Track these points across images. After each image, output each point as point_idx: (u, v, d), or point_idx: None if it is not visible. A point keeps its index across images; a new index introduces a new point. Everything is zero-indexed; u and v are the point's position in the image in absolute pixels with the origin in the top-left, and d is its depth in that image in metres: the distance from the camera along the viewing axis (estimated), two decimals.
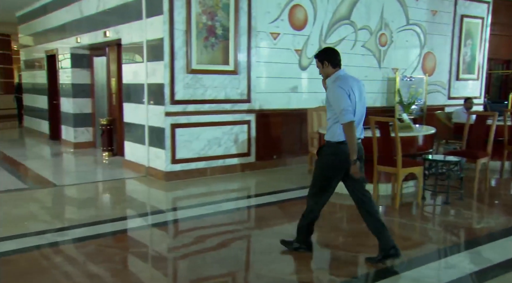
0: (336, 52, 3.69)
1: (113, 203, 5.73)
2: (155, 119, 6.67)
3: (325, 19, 8.02)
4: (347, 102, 3.40)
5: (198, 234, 4.42)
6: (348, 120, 3.36)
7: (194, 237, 4.34)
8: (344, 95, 3.41)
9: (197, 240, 4.23)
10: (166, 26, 6.30)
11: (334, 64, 3.63)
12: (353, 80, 3.61)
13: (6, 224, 4.63)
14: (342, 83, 3.49)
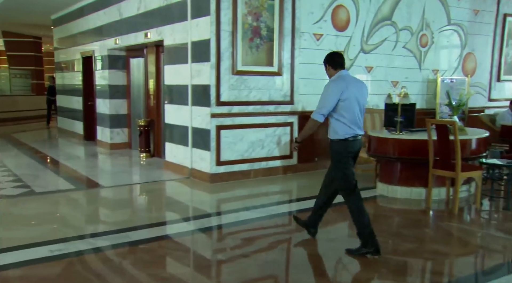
0: (336, 55, 4.01)
1: (162, 206, 5.69)
2: (199, 121, 6.64)
3: (367, 19, 7.90)
4: (330, 101, 3.72)
5: (249, 239, 4.33)
6: (317, 119, 3.79)
7: (246, 241, 4.26)
8: (333, 95, 3.72)
9: (250, 244, 4.16)
10: (213, 27, 6.26)
11: (334, 66, 3.94)
12: (353, 81, 3.90)
13: (70, 225, 4.64)
14: (337, 82, 3.80)
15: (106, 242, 4.03)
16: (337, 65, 3.93)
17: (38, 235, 4.23)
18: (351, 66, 7.84)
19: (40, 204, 5.41)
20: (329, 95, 3.74)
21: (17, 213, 5.04)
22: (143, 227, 4.52)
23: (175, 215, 5.19)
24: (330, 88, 3.78)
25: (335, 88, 3.74)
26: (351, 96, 3.74)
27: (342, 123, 3.75)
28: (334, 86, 3.77)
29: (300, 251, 4.08)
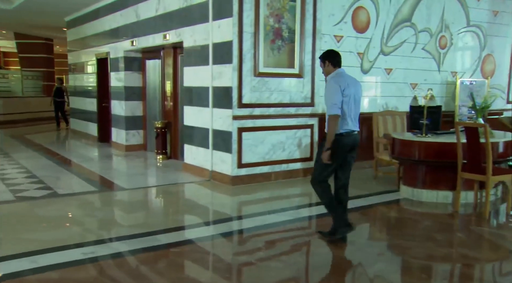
0: (336, 54, 4.17)
1: (186, 208, 5.64)
2: (220, 123, 6.60)
3: (387, 21, 7.85)
4: (338, 97, 3.87)
5: (274, 242, 4.30)
6: (334, 113, 3.87)
7: (272, 244, 4.23)
8: (337, 91, 3.89)
9: (276, 248, 4.12)
10: (235, 29, 6.23)
11: (334, 64, 4.11)
12: (351, 79, 4.08)
13: (98, 227, 4.62)
14: (338, 79, 3.96)
15: (137, 245, 3.99)
16: (337, 63, 4.12)
17: (68, 237, 4.21)
18: (370, 68, 7.79)
19: (65, 206, 5.40)
20: (335, 92, 3.91)
21: (43, 215, 5.02)
22: (171, 230, 4.49)
23: (201, 218, 5.14)
24: (334, 85, 3.94)
25: (339, 85, 3.92)
26: (350, 93, 3.95)
27: (341, 119, 3.93)
28: (337, 83, 3.93)
29: (326, 255, 4.02)
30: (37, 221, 4.76)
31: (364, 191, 6.24)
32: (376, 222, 5.22)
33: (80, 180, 6.86)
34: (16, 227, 4.52)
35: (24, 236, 4.21)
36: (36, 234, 4.31)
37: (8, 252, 3.75)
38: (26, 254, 3.69)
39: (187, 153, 7.48)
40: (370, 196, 6.00)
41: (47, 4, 11.19)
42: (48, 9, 11.80)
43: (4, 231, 4.39)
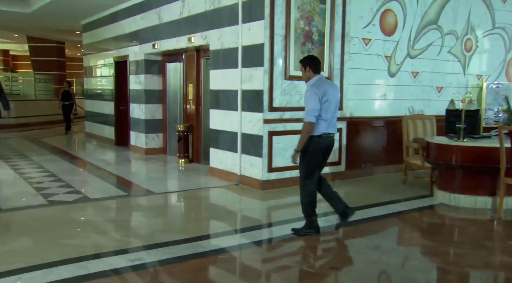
0: (318, 60, 4.41)
1: (223, 213, 5.52)
2: (250, 126, 6.53)
3: (414, 23, 7.78)
4: (316, 105, 4.11)
5: (316, 249, 4.23)
6: (309, 121, 4.15)
7: (313, 252, 4.15)
8: (315, 99, 4.12)
9: (321, 257, 4.04)
10: (267, 31, 6.17)
11: (315, 70, 4.32)
12: (329, 85, 4.34)
13: (137, 233, 4.55)
14: (316, 88, 4.19)
15: (183, 251, 3.92)
16: (317, 70, 4.34)
17: (111, 243, 4.15)
18: (397, 72, 7.72)
19: (100, 210, 5.34)
20: (314, 100, 4.13)
21: (80, 219, 4.96)
22: (212, 236, 4.42)
23: (239, 223, 5.08)
24: (313, 92, 4.16)
25: (317, 92, 4.15)
26: (329, 98, 4.18)
27: (321, 122, 4.19)
28: (317, 91, 4.15)
29: (377, 263, 3.94)
30: (76, 226, 4.71)
31: (396, 196, 6.16)
32: (419, 228, 5.12)
33: (108, 184, 6.81)
34: (57, 232, 4.46)
35: (66, 242, 4.15)
36: (79, 239, 4.25)
37: (55, 257, 3.68)
38: (73, 260, 3.63)
39: (213, 157, 7.41)
40: (403, 201, 5.92)
41: (65, 8, 11.16)
42: (66, 12, 11.77)
43: (46, 236, 4.32)
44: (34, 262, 3.58)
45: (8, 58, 32.07)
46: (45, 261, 3.61)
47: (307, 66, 4.34)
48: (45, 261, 3.61)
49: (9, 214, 5.02)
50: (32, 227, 4.61)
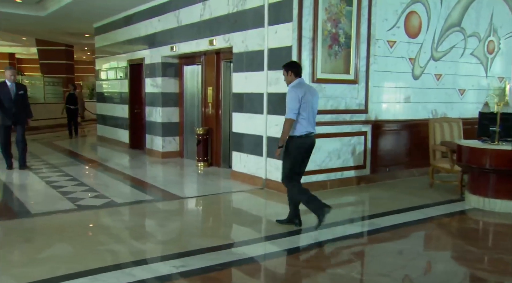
0: (299, 65, 4.82)
1: (252, 219, 5.43)
2: (276, 130, 6.45)
3: (437, 26, 7.71)
4: (296, 105, 4.47)
5: (362, 256, 4.14)
6: (290, 117, 4.50)
7: (359, 257, 4.06)
8: (296, 99, 4.49)
9: (367, 264, 3.95)
10: (295, 34, 6.11)
11: (296, 74, 4.68)
12: (309, 87, 4.72)
13: (174, 238, 4.47)
14: (297, 89, 4.55)
15: (226, 257, 3.84)
16: (298, 74, 4.69)
17: (150, 248, 4.07)
18: (421, 74, 7.65)
19: (131, 215, 5.28)
20: (294, 99, 4.50)
21: (113, 225, 4.88)
22: (250, 242, 4.33)
23: (272, 228, 4.99)
24: (293, 92, 4.54)
25: (298, 93, 4.51)
26: (308, 100, 4.54)
27: (302, 121, 4.52)
28: (297, 92, 4.53)
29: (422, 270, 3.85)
30: (111, 232, 4.63)
31: (426, 200, 6.08)
32: (456, 233, 5.03)
33: (131, 188, 6.75)
34: (93, 237, 4.40)
35: (105, 247, 4.08)
36: (117, 245, 4.17)
37: (98, 264, 3.61)
38: (117, 267, 3.56)
39: (236, 160, 7.33)
40: (434, 205, 5.83)
41: (80, 11, 11.11)
42: (80, 15, 11.73)
43: (83, 242, 4.25)
44: (78, 268, 3.51)
45: (14, 61, 32.10)
46: (88, 267, 3.54)
47: (289, 70, 4.69)
48: (88, 267, 3.54)
49: (41, 219, 4.95)
50: (66, 232, 4.53)
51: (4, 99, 7.51)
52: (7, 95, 7.54)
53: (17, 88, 7.67)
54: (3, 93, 7.51)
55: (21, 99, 7.68)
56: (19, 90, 7.70)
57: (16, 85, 7.68)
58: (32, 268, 3.51)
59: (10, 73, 7.59)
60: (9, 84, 7.58)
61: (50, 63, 19.49)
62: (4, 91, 7.53)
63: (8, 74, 7.59)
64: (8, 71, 7.63)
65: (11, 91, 7.58)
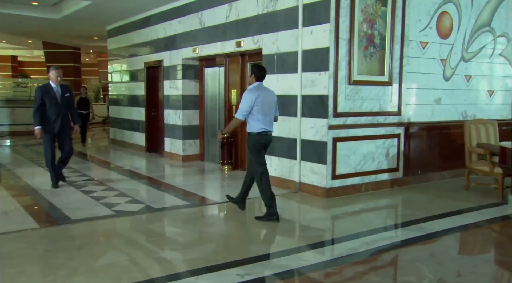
0: (263, 69, 5.22)
1: (294, 225, 5.32)
2: (312, 133, 6.35)
3: (468, 26, 7.62)
4: (246, 107, 4.93)
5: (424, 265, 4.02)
6: (237, 117, 5.02)
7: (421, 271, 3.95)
8: (249, 101, 4.92)
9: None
10: (332, 35, 6.00)
11: (257, 78, 5.11)
12: (265, 90, 5.13)
13: (226, 245, 4.35)
14: (252, 92, 4.99)
15: (288, 265, 3.72)
16: (259, 78, 5.11)
17: (206, 256, 3.95)
18: (452, 75, 7.55)
19: (173, 221, 5.16)
20: (247, 101, 4.93)
21: (159, 231, 4.77)
22: (302, 249, 4.22)
23: (323, 233, 4.88)
24: (248, 96, 4.96)
25: (251, 96, 4.93)
26: (263, 101, 4.95)
27: (256, 121, 4.98)
28: (251, 94, 4.95)
29: None
30: (159, 238, 4.52)
31: (466, 203, 5.98)
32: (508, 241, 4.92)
33: (162, 192, 6.62)
34: (143, 245, 4.27)
35: (160, 255, 3.96)
36: (170, 252, 4.05)
37: (158, 272, 3.49)
38: (178, 276, 3.43)
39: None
40: (476, 209, 5.71)
41: (95, 14, 10.97)
42: (95, 18, 11.59)
43: (135, 249, 4.13)
44: (139, 277, 3.40)
45: (16, 64, 31.96)
46: (150, 276, 3.43)
47: (253, 73, 5.11)
48: (150, 276, 3.43)
49: (84, 225, 4.82)
50: (115, 239, 4.42)
51: (49, 104, 6.47)
52: (53, 99, 6.50)
53: (62, 91, 6.62)
54: (48, 97, 6.46)
55: (66, 103, 6.69)
56: (65, 93, 6.66)
57: (61, 87, 6.63)
58: (95, 277, 3.39)
59: (56, 74, 6.55)
60: (54, 86, 6.53)
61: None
62: (50, 95, 6.48)
63: (54, 75, 6.53)
64: (55, 72, 6.56)
65: (57, 94, 6.54)
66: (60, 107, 6.55)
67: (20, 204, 5.67)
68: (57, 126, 6.56)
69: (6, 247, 4.02)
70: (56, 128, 6.56)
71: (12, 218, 5.01)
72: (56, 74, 6.55)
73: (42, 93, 6.46)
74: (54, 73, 6.55)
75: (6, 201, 5.91)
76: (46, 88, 6.52)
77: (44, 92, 6.47)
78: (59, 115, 6.54)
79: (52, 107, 6.48)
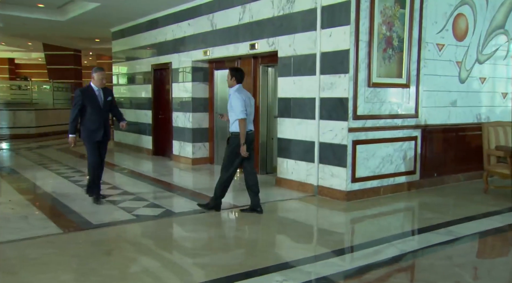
0: (243, 72, 5.58)
1: (320, 228, 5.28)
2: (331, 135, 6.29)
3: (483, 28, 7.61)
4: (242, 106, 5.24)
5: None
6: (243, 117, 5.25)
7: None
8: (242, 101, 5.26)
9: None
10: (352, 37, 5.96)
11: (238, 81, 5.45)
12: (245, 92, 5.51)
13: (252, 250, 4.28)
14: (241, 93, 5.36)
15: (324, 271, 3.66)
16: (240, 81, 5.47)
17: (241, 261, 3.88)
18: (467, 78, 7.54)
19: (196, 225, 5.07)
20: (239, 101, 5.26)
21: (185, 236, 4.68)
22: (334, 254, 4.15)
23: (348, 237, 4.82)
24: (239, 97, 5.30)
25: (242, 98, 5.31)
26: (246, 102, 5.33)
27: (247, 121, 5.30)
28: (241, 97, 5.31)
29: None
30: (188, 244, 4.45)
31: (489, 206, 5.93)
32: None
33: (179, 196, 6.53)
34: (172, 250, 4.20)
35: (192, 261, 3.88)
36: (201, 258, 3.96)
37: (194, 279, 3.41)
38: (221, 282, 3.35)
39: (282, 167, 7.15)
40: (502, 212, 5.66)
41: (102, 15, 10.88)
42: (101, 20, 11.50)
43: (165, 254, 4.05)
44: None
45: (13, 66, 31.76)
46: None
47: (234, 76, 5.41)
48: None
49: (106, 230, 4.73)
50: (141, 244, 4.34)
51: (91, 109, 5.76)
52: (95, 104, 5.78)
53: (104, 94, 5.88)
54: (90, 101, 5.75)
55: (109, 107, 6.01)
56: (107, 96, 5.92)
57: (103, 90, 5.89)
58: None
59: (101, 76, 5.81)
60: (95, 89, 5.81)
61: (58, 69, 19.20)
62: (92, 99, 5.77)
63: (99, 77, 5.79)
64: (100, 73, 5.80)
65: (99, 98, 5.81)
66: (103, 112, 5.88)
67: (38, 208, 5.58)
68: (101, 134, 5.87)
69: (34, 253, 3.92)
70: (99, 136, 5.87)
71: (33, 223, 4.91)
72: (101, 75, 5.80)
73: (84, 97, 5.73)
74: (99, 75, 5.78)
75: (23, 205, 5.81)
76: (88, 91, 5.79)
77: (86, 96, 5.74)
78: (102, 122, 5.86)
79: (94, 113, 5.78)
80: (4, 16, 11.34)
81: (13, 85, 18.59)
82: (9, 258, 3.83)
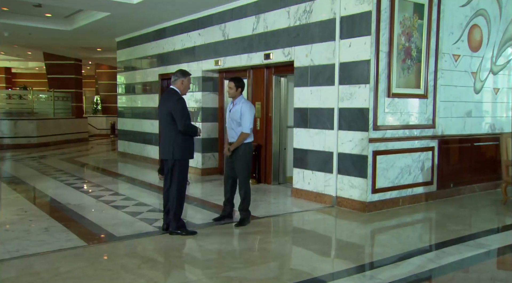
0: (244, 83, 5.52)
1: (355, 242, 5.16)
2: (350, 146, 6.25)
3: (496, 39, 7.65)
4: (252, 120, 5.30)
5: None
6: (249, 132, 5.28)
7: None
8: (252, 115, 5.32)
9: None
10: (373, 48, 5.95)
11: (241, 91, 5.42)
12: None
13: (287, 263, 4.20)
14: (250, 107, 5.35)
15: None
16: (242, 91, 5.43)
17: (279, 276, 3.80)
18: (481, 88, 7.55)
19: (220, 237, 4.96)
20: (252, 115, 5.31)
21: (214, 248, 4.57)
22: (376, 264, 4.08)
23: (376, 249, 4.75)
24: (250, 110, 5.31)
25: (252, 109, 5.39)
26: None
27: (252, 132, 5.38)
28: (251, 108, 5.36)
29: None
30: (218, 257, 4.35)
31: (511, 219, 5.89)
32: None
33: (196, 207, 6.47)
34: (207, 263, 4.10)
35: (229, 274, 3.78)
36: (240, 271, 3.87)
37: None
38: None
39: (299, 177, 7.09)
40: None
41: (109, 25, 10.83)
42: (106, 30, 11.44)
43: (199, 267, 3.97)
44: None
45: (10, 76, 31.55)
46: None
47: (239, 88, 5.35)
48: None
49: (131, 243, 4.62)
50: (171, 256, 4.25)
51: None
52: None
53: None
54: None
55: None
56: None
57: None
58: None
59: (189, 82, 5.15)
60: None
61: (58, 78, 19.06)
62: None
63: (189, 83, 5.14)
64: (189, 79, 5.11)
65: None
66: None
67: (56, 220, 5.46)
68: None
69: (65, 266, 3.82)
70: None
71: (55, 235, 4.79)
72: (189, 82, 5.15)
73: None
74: (188, 80, 5.08)
75: (39, 216, 5.70)
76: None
77: None
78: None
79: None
80: (11, 26, 11.26)
81: (14, 95, 18.35)
82: (40, 272, 3.72)
